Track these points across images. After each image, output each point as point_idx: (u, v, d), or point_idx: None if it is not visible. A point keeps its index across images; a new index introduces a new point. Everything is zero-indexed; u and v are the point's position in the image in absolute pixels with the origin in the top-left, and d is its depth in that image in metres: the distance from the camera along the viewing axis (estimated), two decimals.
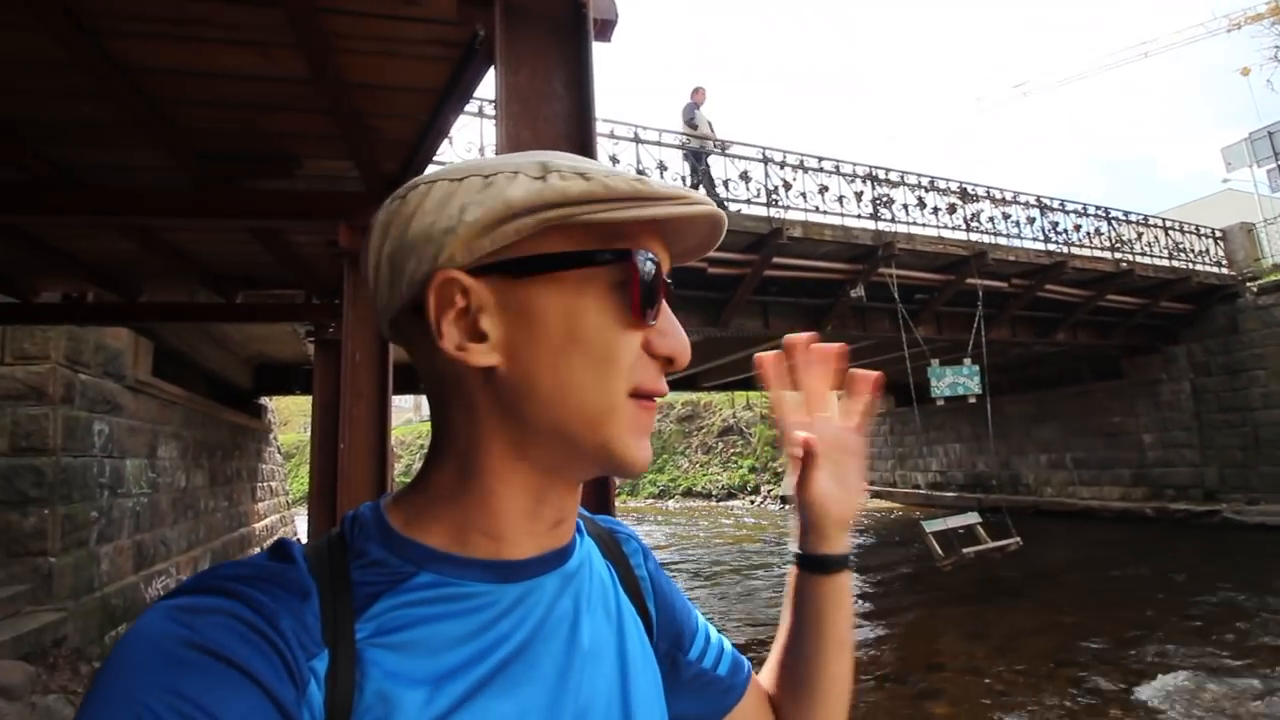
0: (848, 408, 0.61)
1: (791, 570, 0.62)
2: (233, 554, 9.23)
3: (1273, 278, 10.60)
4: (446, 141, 4.68)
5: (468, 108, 3.91)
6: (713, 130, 8.57)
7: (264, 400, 12.35)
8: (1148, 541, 10.23)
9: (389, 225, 0.44)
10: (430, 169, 3.54)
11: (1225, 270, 11.39)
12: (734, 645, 0.63)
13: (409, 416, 36.16)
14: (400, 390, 7.39)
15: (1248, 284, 10.85)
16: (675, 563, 10.94)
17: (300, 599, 0.38)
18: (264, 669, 0.34)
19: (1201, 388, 11.35)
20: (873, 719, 4.60)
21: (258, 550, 0.32)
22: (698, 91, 8.70)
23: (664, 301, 0.45)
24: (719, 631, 0.63)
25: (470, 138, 6.45)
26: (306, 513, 6.84)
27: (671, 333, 0.45)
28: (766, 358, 0.60)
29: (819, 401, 0.60)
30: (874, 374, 0.61)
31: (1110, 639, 5.80)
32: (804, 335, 0.60)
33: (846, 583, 0.61)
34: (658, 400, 0.46)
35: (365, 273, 0.46)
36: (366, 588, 0.41)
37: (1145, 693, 4.64)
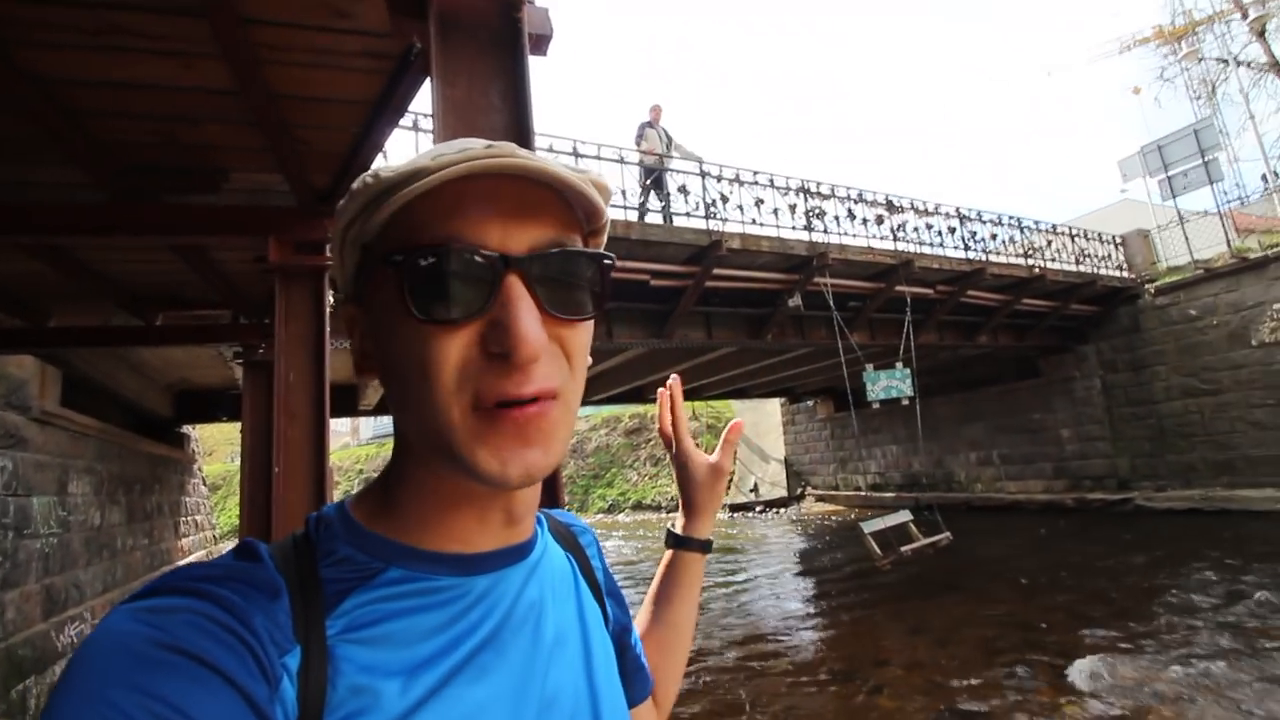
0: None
1: (668, 554, 0.80)
2: None
3: (1168, 279, 11.50)
4: (381, 155, 4.60)
5: (404, 121, 3.86)
6: (670, 144, 8.78)
7: (187, 429, 11.68)
8: (1069, 531, 10.85)
9: None
10: None
11: (1126, 274, 12.29)
12: None
13: (346, 440, 34.79)
14: (337, 413, 7.13)
15: (1146, 286, 11.74)
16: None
17: (270, 597, 0.39)
18: (236, 667, 0.34)
19: (1111, 384, 12.19)
20: (824, 718, 4.70)
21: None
22: (654, 109, 8.96)
23: (506, 286, 0.40)
24: None
25: (407, 151, 6.36)
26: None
27: (502, 325, 0.39)
28: (662, 392, 0.81)
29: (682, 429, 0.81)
30: (734, 424, 0.81)
31: (1039, 624, 6.12)
32: (674, 380, 0.81)
33: (700, 563, 0.79)
34: (537, 406, 0.40)
35: None
36: (336, 585, 0.42)
37: (1073, 673, 4.91)
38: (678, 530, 0.79)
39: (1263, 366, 10.01)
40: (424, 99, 4.73)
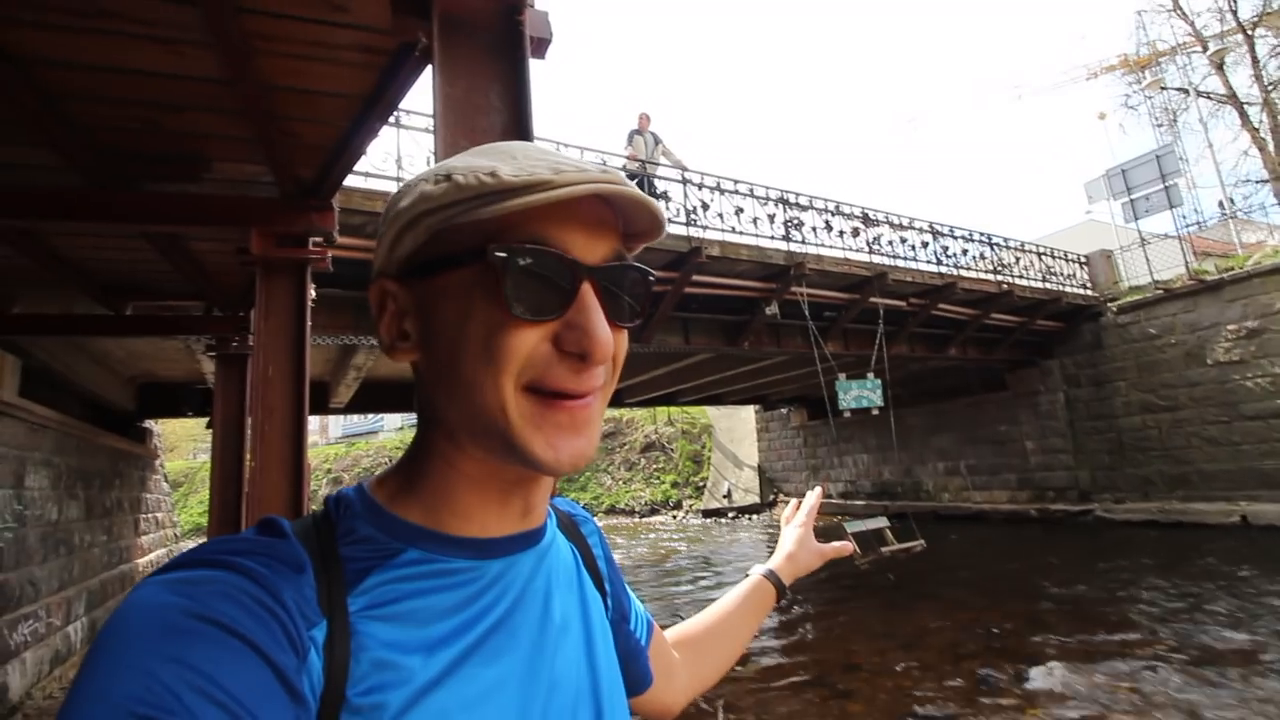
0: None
1: (760, 580, 0.92)
2: (112, 593, 8.38)
3: (1130, 298, 11.89)
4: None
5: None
6: (658, 150, 8.86)
7: (149, 424, 11.34)
8: (1033, 540, 11.12)
9: None
10: (350, 178, 3.45)
11: (1090, 292, 12.68)
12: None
13: (315, 439, 34.14)
14: (310, 410, 7.01)
15: (1109, 304, 12.13)
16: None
17: (296, 571, 0.40)
18: (266, 638, 0.35)
19: (1073, 398, 12.55)
20: None
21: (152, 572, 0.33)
22: (642, 118, 9.04)
23: (583, 292, 0.43)
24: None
25: (387, 147, 6.31)
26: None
27: (580, 326, 0.42)
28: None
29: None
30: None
31: (1003, 631, 6.27)
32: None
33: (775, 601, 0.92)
34: (587, 399, 0.44)
35: None
36: (357, 563, 0.43)
37: (1035, 678, 5.04)
38: (770, 565, 0.94)
39: (1217, 385, 10.40)
40: (409, 97, 4.70)
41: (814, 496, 1.04)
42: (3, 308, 4.18)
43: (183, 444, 31.45)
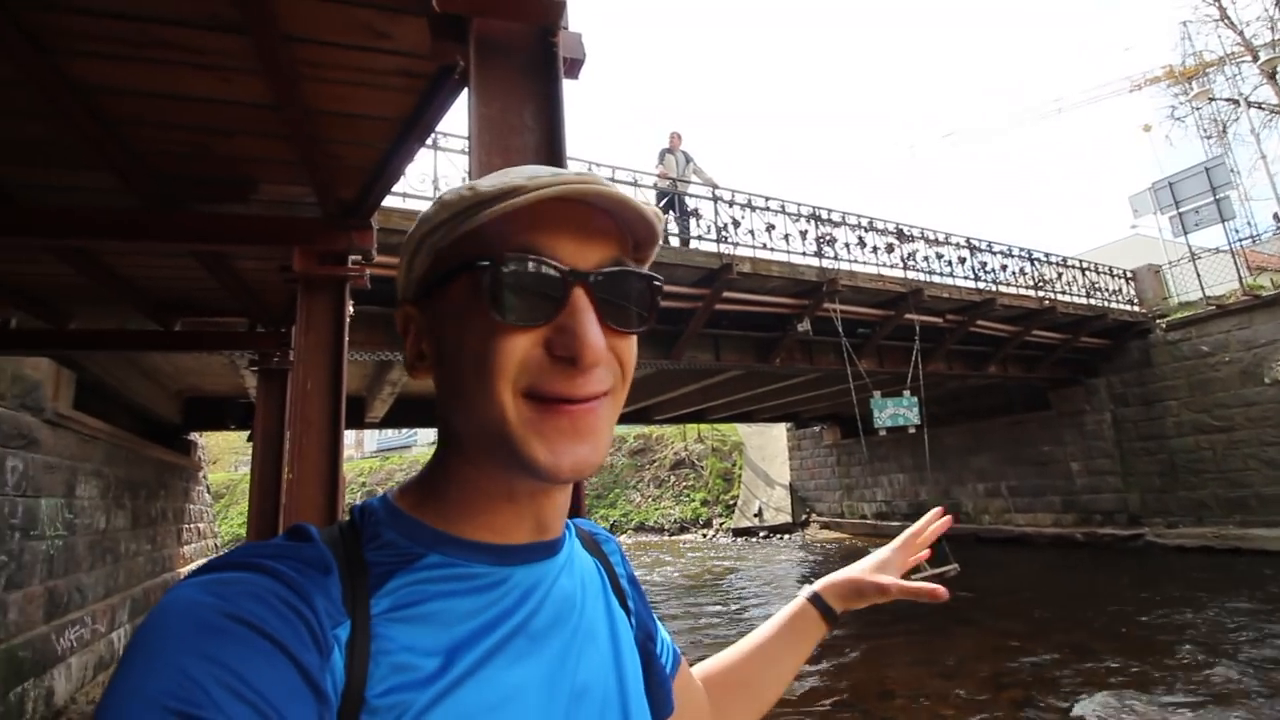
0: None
1: (804, 605, 0.79)
2: (155, 601, 8.60)
3: (1179, 315, 11.47)
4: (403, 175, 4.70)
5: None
6: (689, 168, 8.96)
7: (194, 436, 11.72)
8: (1079, 565, 10.70)
9: None
10: (387, 198, 3.54)
11: (1137, 308, 12.27)
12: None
13: (350, 453, 34.82)
14: (346, 424, 7.16)
15: (1157, 321, 11.71)
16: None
17: (322, 573, 0.41)
18: (291, 638, 0.36)
19: (1121, 418, 12.10)
20: None
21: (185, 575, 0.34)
22: (674, 137, 9.17)
23: (573, 298, 0.44)
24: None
25: (424, 168, 6.46)
26: None
27: (571, 330, 0.43)
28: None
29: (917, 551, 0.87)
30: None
31: (1047, 660, 6.02)
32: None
33: (825, 632, 0.80)
34: (590, 404, 0.44)
35: None
36: (380, 567, 0.44)
37: (1082, 710, 4.82)
38: (819, 586, 0.81)
39: (1276, 404, 9.93)
40: (445, 120, 4.82)
41: (929, 518, 0.88)
42: (60, 324, 4.37)
43: (225, 456, 32.36)
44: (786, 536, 18.37)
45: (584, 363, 0.43)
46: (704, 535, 20.08)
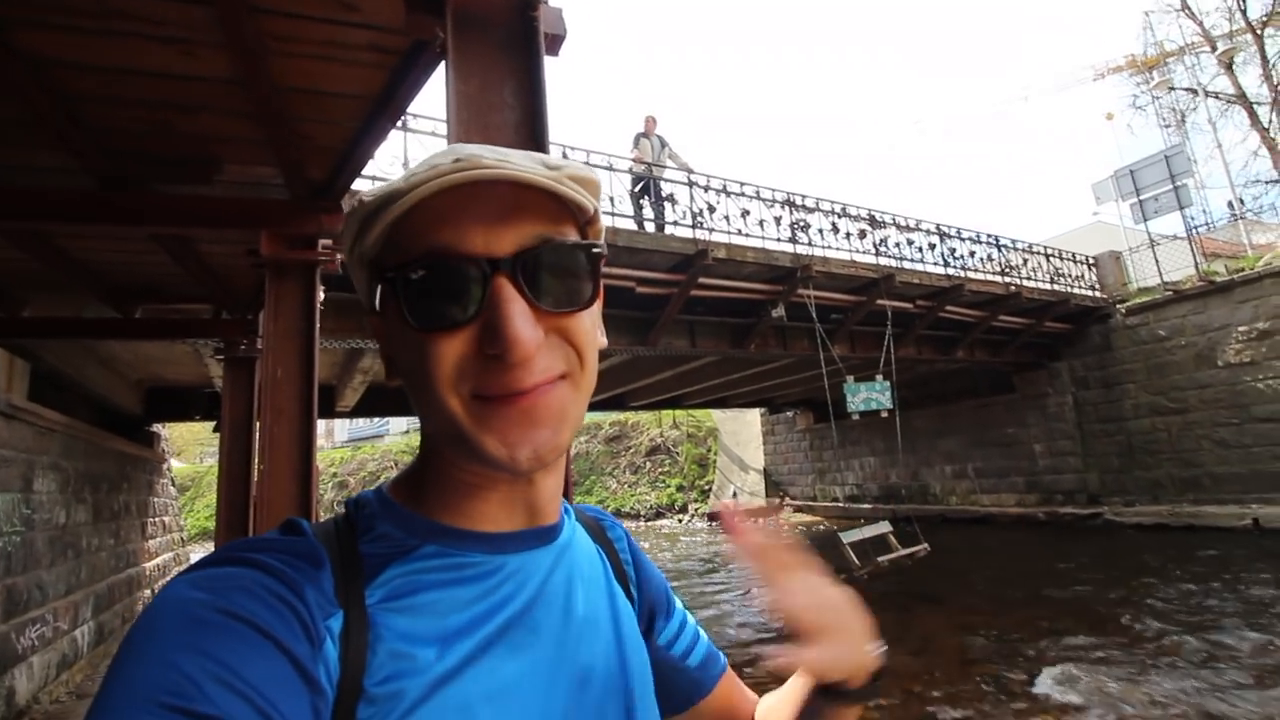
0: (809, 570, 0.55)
1: (803, 683, 0.57)
2: (119, 597, 8.39)
3: (1139, 300, 11.83)
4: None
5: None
6: (665, 153, 8.89)
7: (156, 428, 11.38)
8: (1041, 544, 11.05)
9: None
10: (357, 181, 3.45)
11: (1098, 294, 12.61)
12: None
13: (321, 443, 34.15)
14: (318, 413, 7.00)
15: (1118, 306, 12.06)
16: None
17: (313, 566, 0.41)
18: (282, 630, 0.36)
19: (1082, 400, 12.47)
20: None
21: (148, 593, 0.33)
22: (649, 120, 9.09)
23: (493, 289, 0.41)
24: (699, 625, 0.65)
25: (394, 151, 6.32)
26: (214, 547, 6.33)
27: (493, 327, 0.41)
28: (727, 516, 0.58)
29: (781, 566, 0.55)
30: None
31: (1012, 635, 6.22)
32: (728, 507, 0.59)
33: (855, 715, 0.56)
34: (540, 390, 0.42)
35: None
36: (376, 558, 0.44)
37: (1044, 683, 5.00)
38: (814, 674, 0.54)
39: (1228, 387, 10.32)
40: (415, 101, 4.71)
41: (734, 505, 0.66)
42: (13, 311, 4.19)
43: (190, 448, 31.58)
44: (761, 520, 18.58)
45: (513, 358, 0.41)
46: (679, 520, 20.24)
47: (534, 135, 1.61)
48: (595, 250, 0.45)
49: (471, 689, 0.41)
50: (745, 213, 8.61)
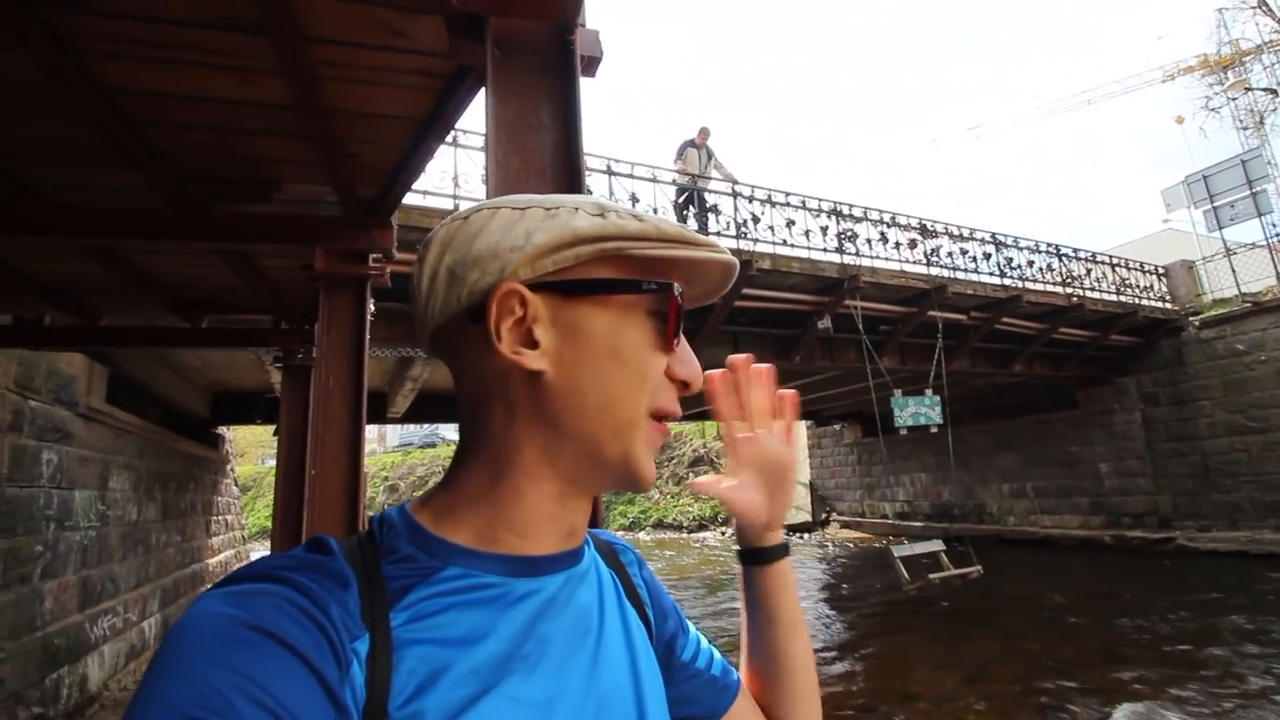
0: (777, 426, 0.65)
1: (739, 567, 0.67)
2: (184, 592, 8.82)
3: (1214, 312, 11.16)
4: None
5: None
6: (712, 165, 8.89)
7: (222, 430, 11.96)
8: (1107, 569, 10.48)
9: (450, 241, 0.49)
10: (408, 196, 3.56)
11: (1169, 305, 11.96)
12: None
13: (373, 447, 35.29)
14: (368, 420, 7.24)
15: (1190, 318, 11.40)
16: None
17: (341, 587, 0.41)
18: (313, 649, 0.36)
19: (1152, 418, 11.81)
20: None
21: (209, 587, 0.34)
22: (702, 132, 9.09)
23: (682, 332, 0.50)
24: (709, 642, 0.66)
25: (444, 166, 6.50)
26: (270, 547, 6.60)
27: (689, 360, 0.50)
28: (715, 375, 0.63)
29: (761, 418, 0.64)
30: (792, 393, 0.66)
31: (1075, 666, 5.90)
32: (743, 356, 0.65)
33: (786, 568, 0.66)
34: (669, 425, 0.50)
35: (416, 284, 0.50)
36: (398, 580, 0.44)
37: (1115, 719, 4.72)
38: (749, 542, 0.65)
39: None
40: (465, 117, 4.84)
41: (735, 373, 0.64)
42: (91, 320, 4.47)
43: (252, 449, 33.02)
44: (806, 535, 18.25)
45: (697, 386, 0.51)
46: (723, 533, 20.03)
47: (569, 155, 1.62)
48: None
49: (493, 713, 0.41)
50: (790, 223, 8.52)
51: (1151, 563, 10.55)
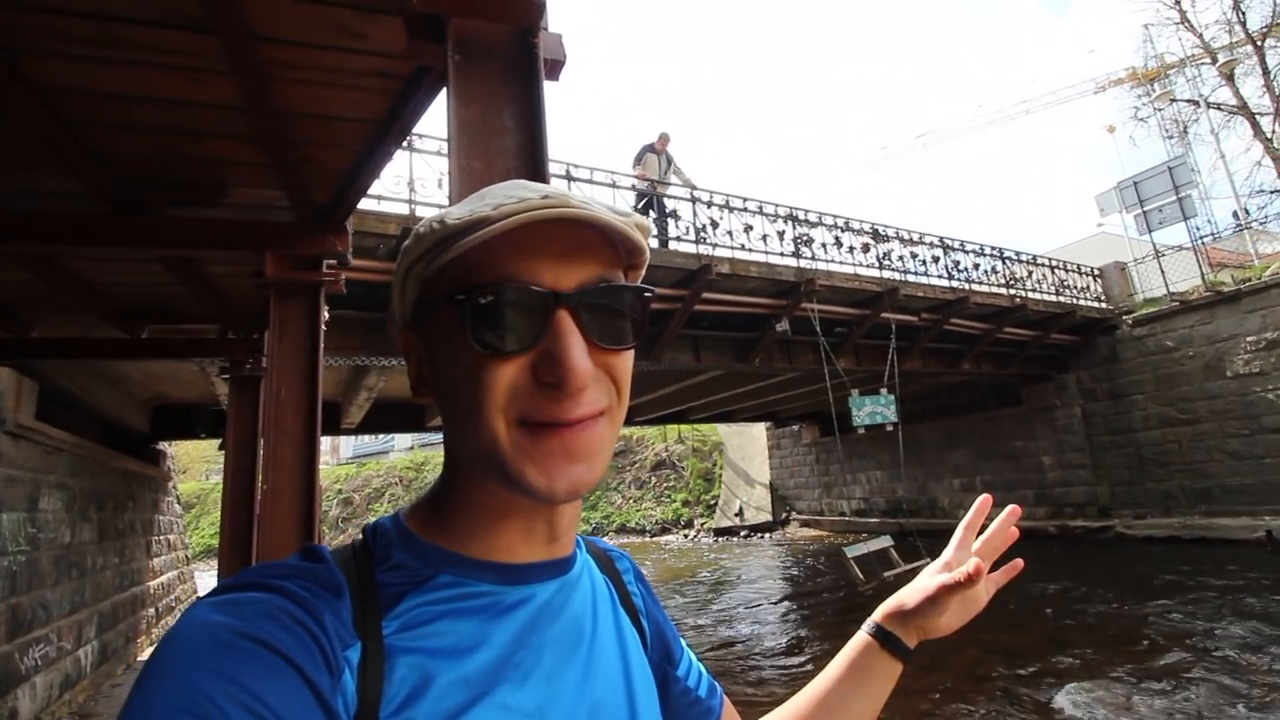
0: (991, 580, 0.74)
1: (864, 638, 0.70)
2: (123, 616, 8.38)
3: (1145, 311, 11.78)
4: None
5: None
6: (671, 171, 8.93)
7: (163, 446, 11.42)
8: (1052, 558, 10.91)
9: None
10: (363, 202, 3.48)
11: (1104, 305, 12.57)
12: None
13: (325, 459, 34.20)
14: (322, 431, 7.01)
15: (1124, 317, 12.01)
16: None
17: (334, 595, 0.41)
18: (304, 657, 0.36)
19: (1090, 412, 12.38)
20: None
21: (152, 611, 0.34)
22: (662, 138, 9.14)
23: (555, 321, 0.43)
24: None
25: (399, 171, 6.39)
26: (217, 565, 6.33)
27: (554, 355, 0.42)
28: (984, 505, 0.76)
29: (989, 554, 0.74)
30: (1019, 563, 0.77)
31: (1023, 651, 6.13)
32: (987, 497, 0.78)
33: (899, 672, 0.69)
34: (584, 424, 0.44)
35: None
36: (392, 588, 0.44)
37: (1059, 699, 4.92)
38: (878, 617, 0.70)
39: (1237, 397, 10.25)
40: (422, 121, 4.76)
41: (978, 506, 0.78)
42: (22, 332, 4.23)
43: (195, 465, 31.65)
44: (767, 535, 18.48)
45: (570, 388, 0.42)
46: (685, 536, 20.13)
47: (534, 158, 1.62)
48: (646, 294, 0.48)
49: None
50: (748, 228, 8.65)
51: (1093, 550, 11.05)
